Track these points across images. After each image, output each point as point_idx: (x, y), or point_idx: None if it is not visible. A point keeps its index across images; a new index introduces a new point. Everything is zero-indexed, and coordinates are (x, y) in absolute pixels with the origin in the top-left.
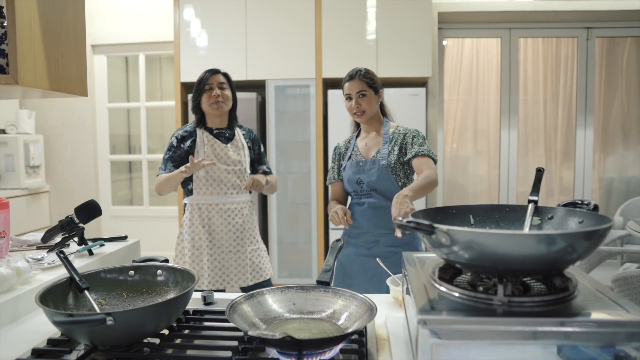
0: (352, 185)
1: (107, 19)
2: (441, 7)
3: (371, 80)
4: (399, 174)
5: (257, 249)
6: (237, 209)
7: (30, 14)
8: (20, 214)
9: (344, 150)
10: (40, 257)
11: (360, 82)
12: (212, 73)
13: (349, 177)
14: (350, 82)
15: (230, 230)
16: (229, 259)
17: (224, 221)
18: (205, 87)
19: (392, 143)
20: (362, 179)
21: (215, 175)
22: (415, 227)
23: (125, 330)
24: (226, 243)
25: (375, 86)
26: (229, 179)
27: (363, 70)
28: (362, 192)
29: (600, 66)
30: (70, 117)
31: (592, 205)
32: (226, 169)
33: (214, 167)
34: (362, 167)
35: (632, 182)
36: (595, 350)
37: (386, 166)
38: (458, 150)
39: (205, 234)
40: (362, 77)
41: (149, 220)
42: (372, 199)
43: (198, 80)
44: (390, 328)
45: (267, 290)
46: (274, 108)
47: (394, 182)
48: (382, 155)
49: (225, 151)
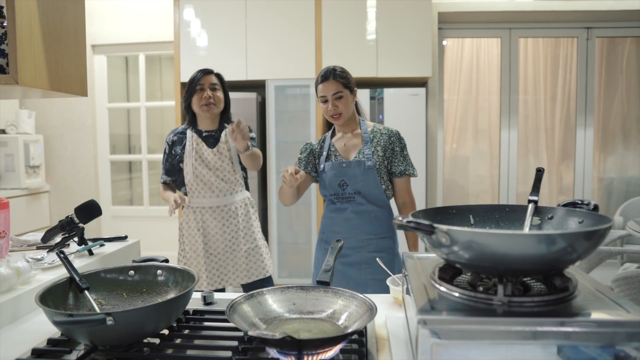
0: (333, 187)
1: (107, 19)
2: (441, 7)
3: (346, 79)
4: (383, 176)
5: (255, 247)
6: (231, 210)
7: (30, 14)
8: (20, 214)
9: (318, 149)
10: (40, 257)
11: (336, 83)
12: (204, 73)
13: (329, 179)
14: (325, 83)
15: (225, 232)
16: (225, 258)
17: (218, 223)
18: (196, 88)
19: (374, 143)
20: (346, 180)
21: (205, 179)
22: (415, 227)
23: (125, 330)
24: (222, 245)
25: (351, 85)
26: (217, 184)
27: (338, 69)
28: (345, 195)
29: (600, 66)
30: (70, 117)
31: (592, 205)
32: (214, 174)
33: (202, 171)
34: (345, 169)
35: (632, 182)
36: (595, 350)
37: (372, 167)
38: (458, 150)
39: (200, 236)
40: (337, 78)
41: (149, 220)
42: (355, 203)
43: (190, 80)
44: (390, 328)
45: (267, 290)
46: (273, 108)
47: (379, 184)
48: (366, 156)
49: (212, 156)
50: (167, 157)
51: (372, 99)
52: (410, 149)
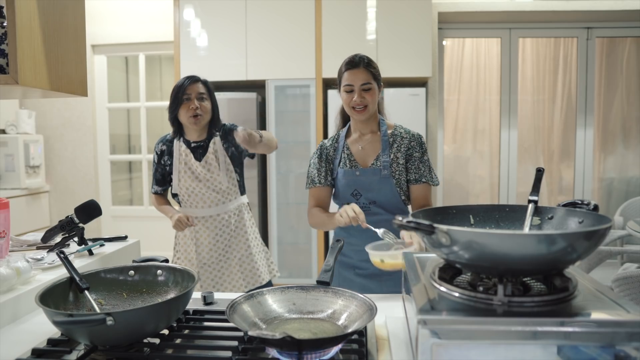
0: (345, 197)
1: (107, 19)
2: (441, 7)
3: (377, 71)
4: (402, 184)
5: (249, 254)
6: (224, 220)
7: (30, 14)
8: (20, 214)
9: (332, 152)
10: (40, 257)
11: (366, 72)
12: (191, 81)
13: (342, 188)
14: (353, 71)
15: (217, 242)
16: (220, 267)
17: (210, 233)
18: (182, 98)
19: (394, 148)
20: (359, 190)
21: (195, 191)
22: (415, 227)
23: (125, 330)
24: (215, 254)
25: (379, 79)
26: (208, 195)
27: (366, 58)
28: (359, 206)
29: (600, 66)
30: (70, 117)
31: (592, 205)
32: (205, 185)
33: (192, 183)
34: (358, 177)
35: (632, 182)
36: (595, 350)
37: (388, 177)
38: (458, 150)
39: (193, 246)
40: (369, 67)
41: (149, 220)
42: (370, 213)
43: (176, 88)
44: (390, 328)
45: (267, 290)
46: (274, 108)
47: (396, 193)
48: (383, 164)
49: (200, 169)
50: (156, 167)
51: None
52: None
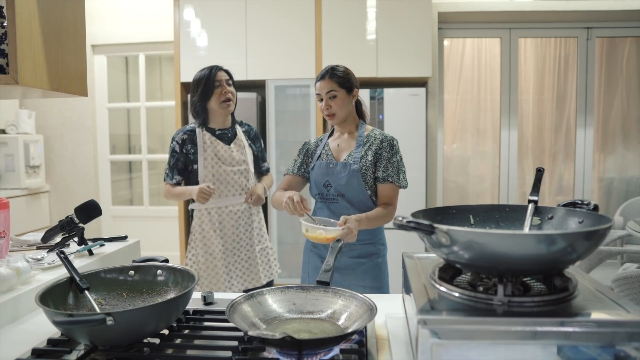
0: (318, 187)
1: (107, 19)
2: (441, 7)
3: (343, 79)
4: (369, 181)
5: (266, 247)
6: (246, 209)
7: (30, 14)
8: (20, 214)
9: (314, 148)
10: (40, 257)
11: (330, 82)
12: (219, 69)
13: (316, 178)
14: (321, 81)
15: (241, 232)
16: (242, 260)
17: (235, 223)
18: (215, 84)
19: (366, 147)
20: (330, 182)
21: (222, 178)
22: (415, 227)
23: (125, 330)
24: (238, 245)
25: (348, 85)
26: (236, 180)
27: (339, 68)
28: (329, 197)
29: (600, 66)
30: (70, 117)
31: (592, 205)
32: (232, 170)
33: (219, 169)
34: (331, 170)
35: (632, 182)
36: (595, 350)
37: (357, 171)
38: (458, 150)
39: (217, 238)
40: (334, 77)
41: (149, 220)
42: (338, 206)
43: (204, 77)
44: (390, 328)
45: (267, 290)
46: (274, 108)
47: (363, 189)
48: (354, 159)
49: (230, 152)
50: (177, 156)
51: (372, 99)
52: (410, 149)
